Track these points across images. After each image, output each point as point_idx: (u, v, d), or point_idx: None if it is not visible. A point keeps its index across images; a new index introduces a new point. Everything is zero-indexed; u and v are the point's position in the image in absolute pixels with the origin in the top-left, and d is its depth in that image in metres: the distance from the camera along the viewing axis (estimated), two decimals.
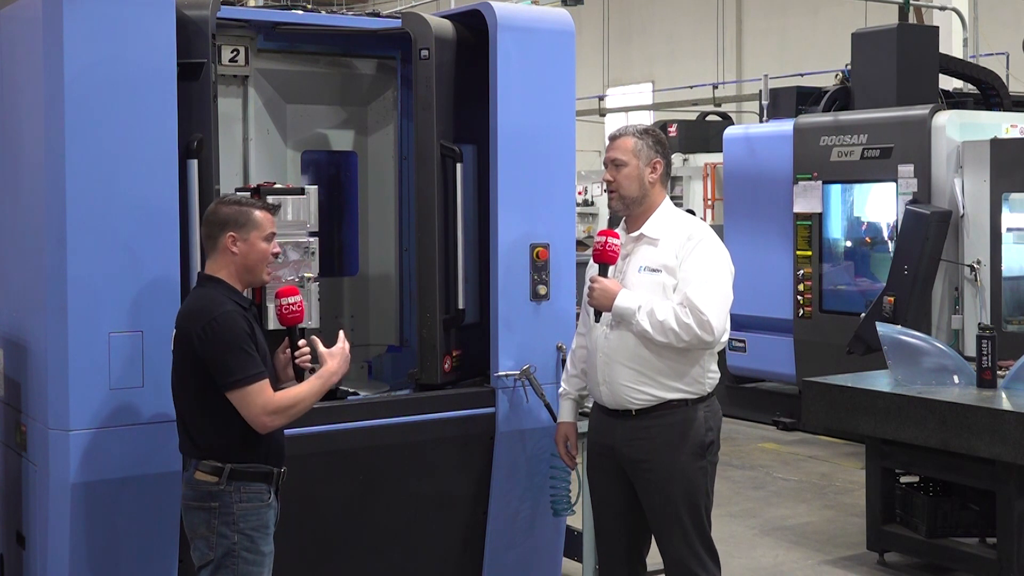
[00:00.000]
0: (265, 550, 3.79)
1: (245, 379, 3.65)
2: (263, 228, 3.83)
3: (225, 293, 3.78)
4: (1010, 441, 5.37)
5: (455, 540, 4.97)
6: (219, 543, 3.74)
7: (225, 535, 3.73)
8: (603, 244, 4.23)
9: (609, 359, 4.25)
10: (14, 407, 4.55)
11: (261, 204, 3.92)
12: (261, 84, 5.09)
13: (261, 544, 3.77)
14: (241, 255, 3.81)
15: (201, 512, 3.76)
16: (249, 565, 3.75)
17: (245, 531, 3.74)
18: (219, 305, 3.72)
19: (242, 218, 3.81)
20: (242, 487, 3.75)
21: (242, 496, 3.75)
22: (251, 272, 3.85)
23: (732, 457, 8.68)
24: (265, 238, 3.84)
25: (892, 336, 6.34)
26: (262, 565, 3.78)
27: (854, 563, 6.35)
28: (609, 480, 4.37)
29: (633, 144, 4.31)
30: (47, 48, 4.07)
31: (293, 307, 3.92)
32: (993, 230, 8.20)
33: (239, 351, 3.67)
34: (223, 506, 3.73)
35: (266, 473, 3.80)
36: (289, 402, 3.74)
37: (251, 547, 3.75)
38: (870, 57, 9.31)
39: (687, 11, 23.27)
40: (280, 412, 3.71)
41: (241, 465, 3.75)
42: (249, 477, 3.77)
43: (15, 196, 4.50)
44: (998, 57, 14.67)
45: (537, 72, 4.91)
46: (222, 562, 3.74)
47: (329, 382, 3.84)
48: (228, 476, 3.73)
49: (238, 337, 3.68)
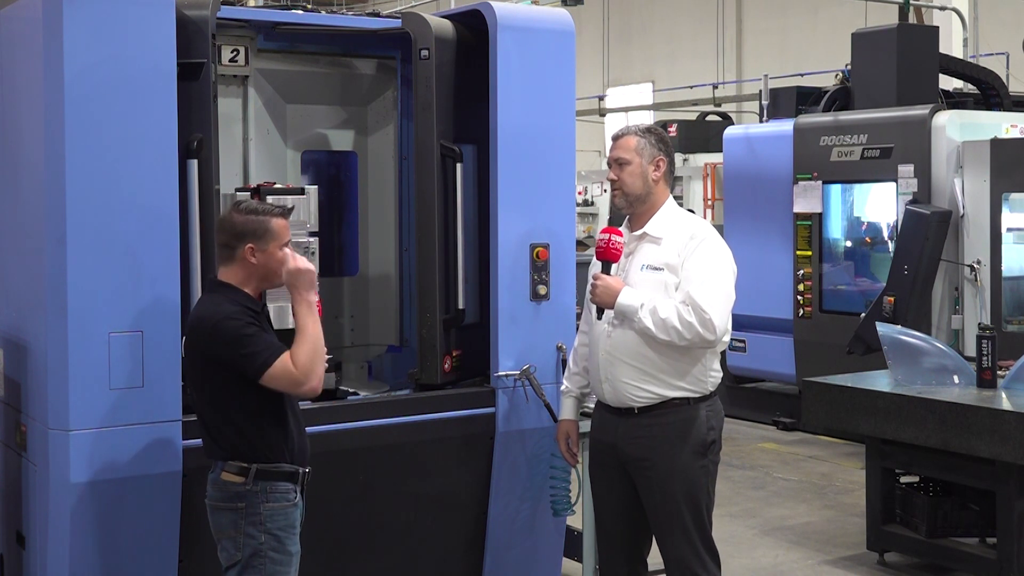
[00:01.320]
0: (292, 550, 3.79)
1: (265, 361, 3.63)
2: (281, 238, 3.83)
3: (232, 296, 3.78)
4: (1010, 441, 5.37)
5: (455, 540, 4.97)
6: (246, 543, 3.73)
7: (252, 535, 3.73)
8: (606, 242, 4.23)
9: (611, 357, 4.25)
10: (14, 407, 4.55)
11: (277, 210, 3.89)
12: (261, 84, 5.09)
13: (288, 544, 3.78)
14: (260, 265, 3.80)
15: (228, 513, 3.76)
16: (276, 565, 3.75)
17: (272, 531, 3.74)
18: (222, 308, 3.72)
19: (260, 229, 3.80)
20: (268, 487, 3.75)
21: (268, 496, 3.75)
22: (269, 280, 3.86)
23: (732, 457, 8.69)
24: (284, 246, 3.84)
25: (892, 336, 6.34)
26: (289, 565, 3.79)
27: (854, 563, 6.35)
28: (610, 479, 4.38)
29: (636, 143, 4.32)
30: (47, 48, 4.06)
31: None
32: (993, 230, 8.20)
33: (247, 338, 3.65)
34: (250, 506, 3.73)
35: (291, 473, 3.80)
36: (305, 358, 3.66)
37: (278, 547, 3.75)
38: (870, 57, 9.31)
39: (687, 11, 23.26)
40: (308, 371, 3.65)
41: (267, 465, 3.75)
42: (275, 477, 3.76)
43: (15, 196, 4.50)
44: (998, 57, 14.66)
45: (537, 72, 4.91)
46: (249, 562, 3.73)
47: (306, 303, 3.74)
48: (255, 476, 3.73)
49: (241, 326, 3.67)
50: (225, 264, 3.85)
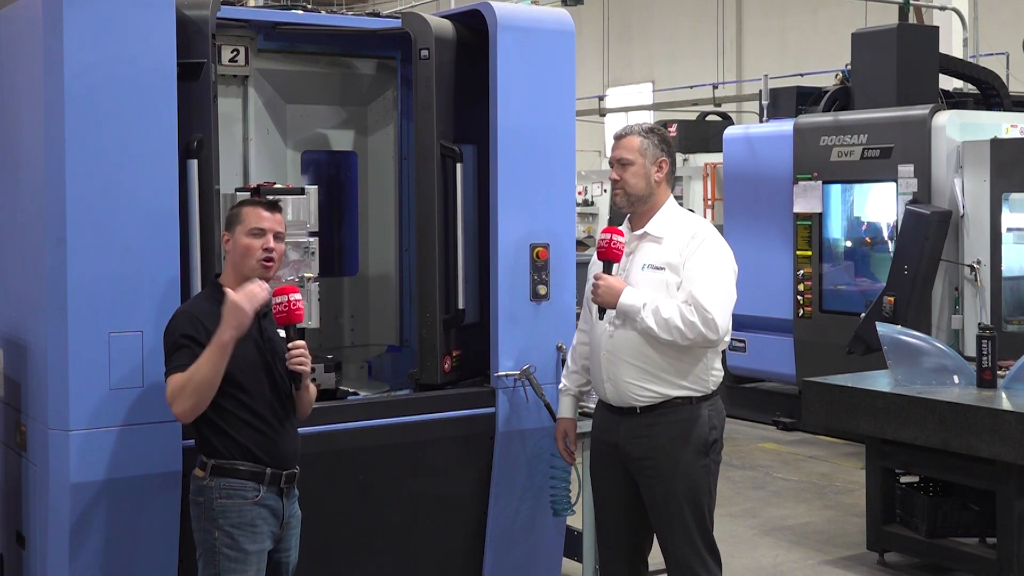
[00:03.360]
0: (248, 548, 3.77)
1: (169, 370, 3.71)
2: (247, 223, 3.85)
3: (206, 293, 3.88)
4: (1010, 441, 5.37)
5: (455, 540, 4.97)
6: (204, 538, 3.80)
7: (208, 530, 3.79)
8: (608, 242, 4.23)
9: (613, 356, 4.25)
10: (14, 407, 4.55)
11: (256, 201, 3.97)
12: (261, 84, 5.09)
13: (243, 542, 3.77)
14: (230, 252, 3.88)
15: (194, 506, 3.85)
16: (231, 562, 3.75)
17: (225, 528, 3.76)
18: (186, 306, 3.85)
19: (232, 217, 3.91)
20: (223, 483, 3.78)
21: (222, 492, 3.77)
22: (238, 268, 3.86)
23: (732, 457, 8.68)
24: (249, 232, 3.83)
25: (892, 336, 6.34)
26: (245, 563, 3.77)
27: (854, 563, 6.35)
28: (612, 478, 4.38)
29: (639, 143, 4.32)
30: (47, 48, 4.06)
31: (281, 306, 3.85)
32: (993, 230, 8.20)
33: (173, 350, 3.73)
34: (207, 501, 3.79)
35: (254, 472, 3.79)
36: (177, 384, 3.66)
37: (232, 544, 3.76)
38: (870, 57, 9.31)
39: (687, 11, 23.25)
40: (174, 398, 3.68)
41: (223, 462, 3.78)
42: (230, 473, 3.78)
43: (15, 196, 4.50)
44: (998, 57, 14.65)
45: (537, 72, 4.91)
46: (207, 557, 3.80)
47: (222, 340, 3.64)
48: (211, 472, 3.78)
49: (176, 329, 3.74)
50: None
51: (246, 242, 3.84)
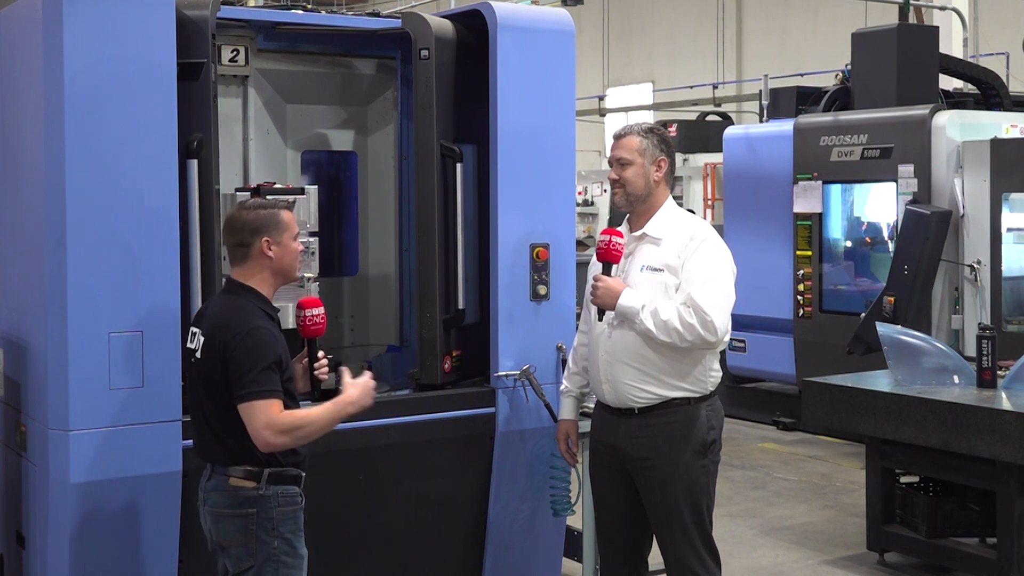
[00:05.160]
0: (302, 552, 3.78)
1: (258, 393, 3.58)
2: (293, 228, 3.85)
3: (257, 304, 3.76)
4: (1010, 441, 5.37)
5: (455, 540, 4.97)
6: (259, 549, 3.70)
7: (265, 540, 3.70)
8: (607, 243, 4.24)
9: (612, 358, 4.25)
10: (14, 407, 4.55)
11: (282, 204, 3.92)
12: (261, 84, 5.09)
13: (299, 547, 3.77)
14: (276, 258, 3.80)
15: (236, 519, 3.71)
16: (289, 569, 3.73)
17: (284, 535, 3.72)
18: (254, 318, 3.70)
19: (273, 221, 3.80)
20: (281, 491, 3.73)
21: (279, 500, 3.72)
22: (286, 273, 3.86)
23: (732, 457, 8.68)
24: (295, 237, 3.87)
25: (892, 336, 6.34)
26: (301, 568, 3.77)
27: (854, 563, 6.35)
28: (611, 479, 4.38)
29: (639, 143, 4.32)
30: (47, 48, 4.06)
31: (317, 319, 3.92)
32: (993, 230, 8.20)
33: (266, 369, 3.61)
34: (262, 511, 3.70)
35: (298, 476, 3.80)
36: (296, 423, 3.63)
37: (290, 551, 3.74)
38: (870, 57, 9.31)
39: (687, 11, 23.26)
40: (285, 431, 3.60)
41: (279, 469, 3.73)
42: (286, 480, 3.75)
43: (15, 196, 4.50)
44: (998, 57, 14.65)
45: (537, 72, 4.91)
46: (263, 568, 3.70)
47: (344, 411, 3.76)
48: (267, 480, 3.70)
49: (268, 355, 3.64)
50: (239, 264, 3.82)
51: (296, 247, 3.86)
